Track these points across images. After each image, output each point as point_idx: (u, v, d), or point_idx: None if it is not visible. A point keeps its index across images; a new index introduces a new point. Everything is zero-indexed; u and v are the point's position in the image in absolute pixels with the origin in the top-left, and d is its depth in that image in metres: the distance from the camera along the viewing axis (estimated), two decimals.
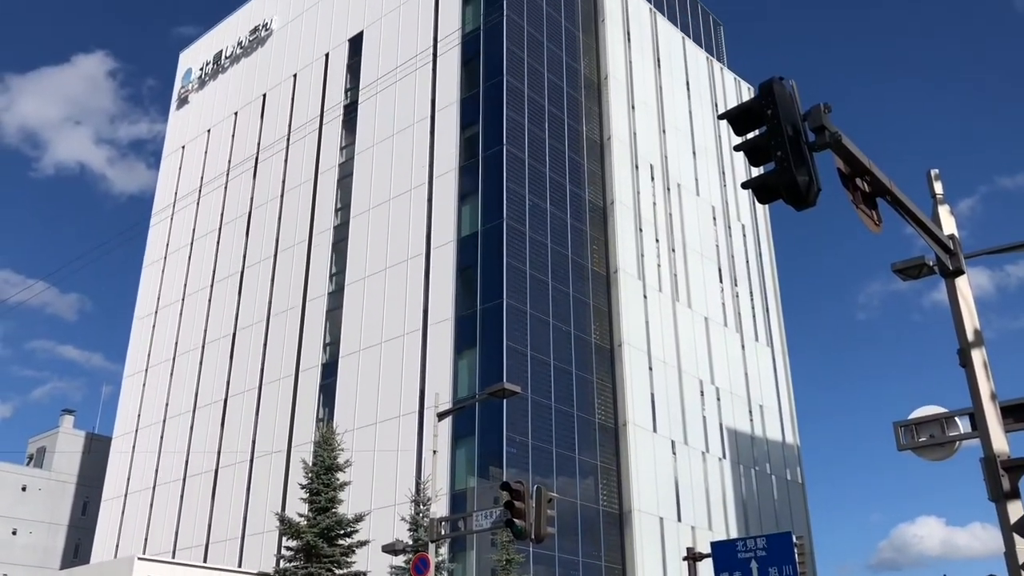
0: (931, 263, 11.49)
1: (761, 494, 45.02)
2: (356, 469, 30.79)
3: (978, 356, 10.82)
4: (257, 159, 50.52)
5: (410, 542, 24.86)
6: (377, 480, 35.55)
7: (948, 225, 11.39)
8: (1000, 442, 10.44)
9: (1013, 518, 9.84)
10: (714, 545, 27.20)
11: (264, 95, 52.14)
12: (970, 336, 10.84)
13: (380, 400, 37.50)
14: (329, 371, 40.89)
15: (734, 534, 40.13)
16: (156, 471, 47.36)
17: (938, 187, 11.96)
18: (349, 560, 25.60)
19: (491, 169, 38.01)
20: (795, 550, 25.34)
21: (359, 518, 26.11)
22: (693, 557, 29.05)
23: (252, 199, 49.83)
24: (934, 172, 12.08)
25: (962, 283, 11.06)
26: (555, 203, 39.89)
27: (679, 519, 38.87)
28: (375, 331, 39.21)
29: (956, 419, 13.34)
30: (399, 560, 26.34)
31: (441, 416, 21.41)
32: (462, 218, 38.29)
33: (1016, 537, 9.81)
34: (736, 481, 43.40)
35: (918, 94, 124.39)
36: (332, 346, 41.58)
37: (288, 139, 48.93)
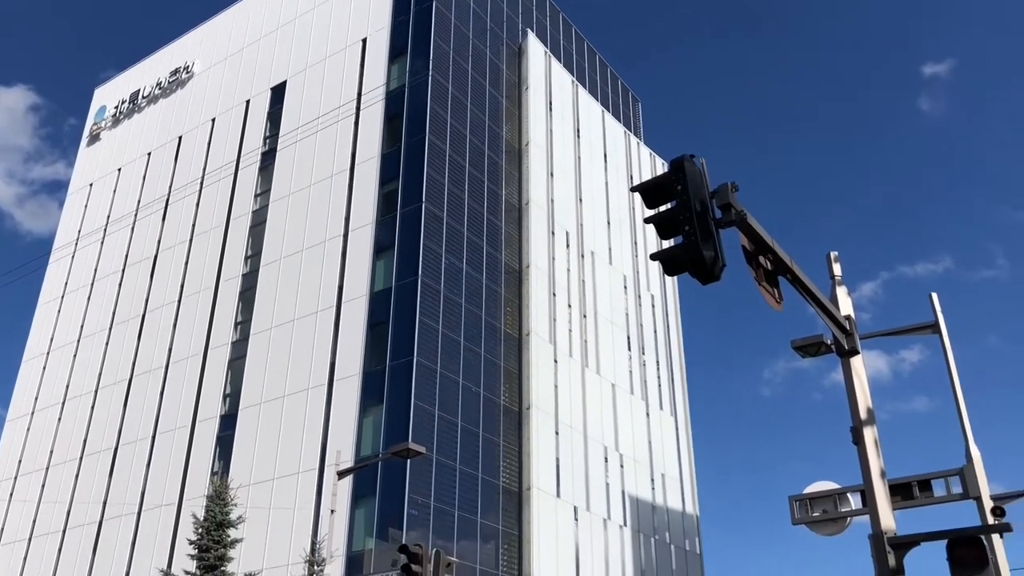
0: (829, 342, 11.89)
1: (660, 563, 45.12)
2: (250, 526, 29.65)
3: (869, 434, 11.16)
4: (168, 201, 49.33)
5: None
6: (271, 538, 34.28)
7: (845, 306, 11.83)
8: (888, 519, 10.72)
9: None
10: None
11: (180, 137, 51.19)
12: (863, 414, 11.19)
13: (279, 455, 36.40)
14: (228, 423, 39.58)
15: None
16: (34, 522, 44.66)
17: (837, 269, 12.45)
18: None
19: (408, 225, 37.97)
20: None
21: None
22: None
23: (160, 242, 48.48)
24: (834, 254, 12.58)
25: (857, 363, 11.46)
26: (471, 263, 40.00)
27: None
28: (279, 384, 38.25)
29: (848, 495, 13.69)
30: None
31: (341, 475, 20.91)
32: (376, 273, 37.99)
33: None
34: (636, 550, 43.43)
35: (827, 181, 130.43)
36: (232, 397, 40.33)
37: (202, 183, 47.99)
